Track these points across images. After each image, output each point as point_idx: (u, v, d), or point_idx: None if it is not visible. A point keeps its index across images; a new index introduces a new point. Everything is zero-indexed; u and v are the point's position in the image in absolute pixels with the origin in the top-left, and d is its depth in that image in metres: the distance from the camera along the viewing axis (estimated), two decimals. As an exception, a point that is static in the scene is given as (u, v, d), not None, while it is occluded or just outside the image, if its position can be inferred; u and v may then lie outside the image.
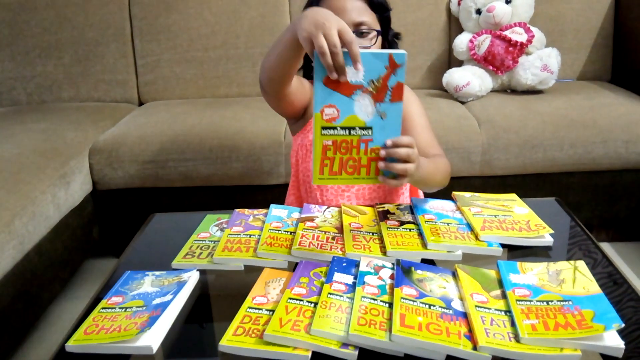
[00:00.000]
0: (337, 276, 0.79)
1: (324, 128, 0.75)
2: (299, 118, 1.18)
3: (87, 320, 0.74)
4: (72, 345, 0.70)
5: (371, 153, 0.77)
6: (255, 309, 0.74)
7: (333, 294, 0.75)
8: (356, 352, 0.66)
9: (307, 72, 1.18)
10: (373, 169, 0.77)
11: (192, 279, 0.83)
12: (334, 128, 0.75)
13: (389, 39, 1.13)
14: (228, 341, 0.67)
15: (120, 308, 0.76)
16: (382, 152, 0.78)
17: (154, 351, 0.69)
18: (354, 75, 0.74)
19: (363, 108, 0.75)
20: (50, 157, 1.61)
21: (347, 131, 0.75)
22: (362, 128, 0.75)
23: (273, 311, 0.72)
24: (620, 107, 1.79)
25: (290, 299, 0.74)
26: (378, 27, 1.08)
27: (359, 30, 1.05)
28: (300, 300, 0.74)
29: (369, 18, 1.06)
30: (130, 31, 2.24)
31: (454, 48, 2.06)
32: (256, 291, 0.78)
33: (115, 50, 2.23)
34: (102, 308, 0.77)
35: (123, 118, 2.01)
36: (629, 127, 1.72)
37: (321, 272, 0.82)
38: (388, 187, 1.18)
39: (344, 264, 0.83)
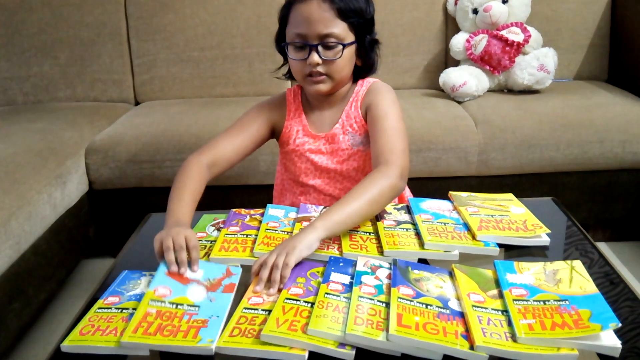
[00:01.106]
0: (334, 276, 0.79)
1: (152, 300, 0.75)
2: (274, 137, 1.21)
3: (83, 321, 0.74)
4: (67, 345, 0.70)
5: (193, 322, 0.72)
6: (251, 309, 0.74)
7: (330, 294, 0.75)
8: (353, 352, 0.66)
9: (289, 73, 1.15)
10: (191, 334, 0.70)
11: (188, 279, 0.83)
12: (162, 302, 0.75)
13: (366, 45, 1.06)
14: (224, 342, 0.67)
15: (116, 308, 0.76)
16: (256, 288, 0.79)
17: (149, 351, 0.69)
18: (193, 274, 0.82)
19: (195, 294, 0.78)
20: (46, 157, 1.61)
21: (175, 305, 0.75)
22: (189, 305, 0.76)
23: (269, 311, 0.72)
24: (617, 107, 1.79)
25: (287, 299, 0.74)
26: (349, 38, 1.01)
27: (324, 43, 1.00)
28: (297, 300, 0.74)
29: (338, 29, 0.99)
30: (127, 31, 2.23)
31: (451, 48, 2.06)
32: (252, 291, 0.78)
33: (112, 50, 2.23)
34: (98, 308, 0.77)
35: (119, 118, 2.00)
36: (626, 127, 1.72)
37: (318, 272, 0.82)
38: None
39: (341, 264, 0.83)
